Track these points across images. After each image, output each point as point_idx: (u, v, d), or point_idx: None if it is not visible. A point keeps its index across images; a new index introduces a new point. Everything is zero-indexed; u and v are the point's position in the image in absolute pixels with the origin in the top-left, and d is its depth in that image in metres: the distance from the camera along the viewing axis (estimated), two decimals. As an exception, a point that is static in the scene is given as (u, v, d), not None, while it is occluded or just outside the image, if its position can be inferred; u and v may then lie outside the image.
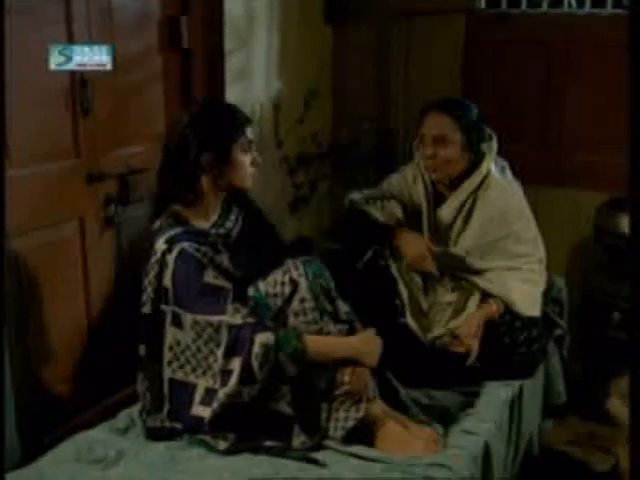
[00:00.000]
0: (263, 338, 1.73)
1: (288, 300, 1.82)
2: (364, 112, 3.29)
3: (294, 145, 3.14)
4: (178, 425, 1.83)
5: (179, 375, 1.83)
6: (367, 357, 1.83)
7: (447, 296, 2.27)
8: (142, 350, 1.89)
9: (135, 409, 1.93)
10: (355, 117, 3.32)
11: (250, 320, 1.76)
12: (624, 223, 2.65)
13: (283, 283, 1.83)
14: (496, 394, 2.05)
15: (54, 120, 2.23)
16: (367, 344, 1.84)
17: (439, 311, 2.28)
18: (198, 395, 1.80)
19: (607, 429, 2.68)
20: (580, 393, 2.61)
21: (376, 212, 2.35)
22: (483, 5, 3.10)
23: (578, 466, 2.47)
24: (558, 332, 2.32)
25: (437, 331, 2.24)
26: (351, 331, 1.87)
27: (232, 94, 2.76)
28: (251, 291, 1.84)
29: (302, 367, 1.76)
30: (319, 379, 1.80)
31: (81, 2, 2.23)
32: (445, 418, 1.94)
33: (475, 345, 2.06)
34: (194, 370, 1.81)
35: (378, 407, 1.84)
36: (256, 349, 1.72)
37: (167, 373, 1.85)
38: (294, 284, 1.82)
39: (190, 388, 1.81)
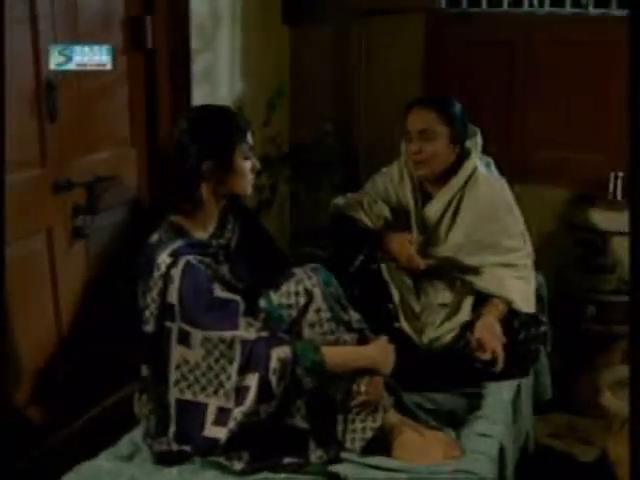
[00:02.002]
0: (280, 352, 1.66)
1: (303, 311, 1.77)
2: (324, 113, 3.25)
3: (257, 148, 3.06)
4: (187, 447, 1.73)
5: (188, 395, 1.74)
6: (383, 366, 1.79)
7: (439, 298, 2.26)
8: (145, 371, 1.79)
9: (136, 433, 1.83)
10: (314, 118, 3.27)
11: (264, 334, 1.69)
12: (596, 217, 2.72)
13: (297, 293, 1.77)
14: (499, 394, 2.05)
15: (19, 127, 2.09)
16: (382, 353, 1.80)
17: (431, 313, 2.26)
18: (210, 415, 1.71)
19: (585, 421, 2.74)
20: (556, 386, 2.64)
21: (363, 216, 2.31)
22: (443, 4, 3.11)
23: (564, 458, 2.51)
24: (543, 329, 2.34)
25: (432, 333, 2.23)
26: (362, 339, 1.83)
27: (198, 96, 2.68)
28: (262, 303, 1.77)
29: (320, 380, 1.70)
30: (335, 391, 1.75)
31: (45, 1, 2.11)
32: (454, 422, 1.93)
33: (499, 349, 2.05)
34: (204, 389, 1.72)
35: (393, 416, 1.81)
36: (273, 364, 1.65)
37: (174, 394, 1.75)
38: (309, 294, 1.76)
39: (201, 408, 1.72)
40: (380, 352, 1.80)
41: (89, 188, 2.34)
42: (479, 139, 2.29)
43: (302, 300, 1.77)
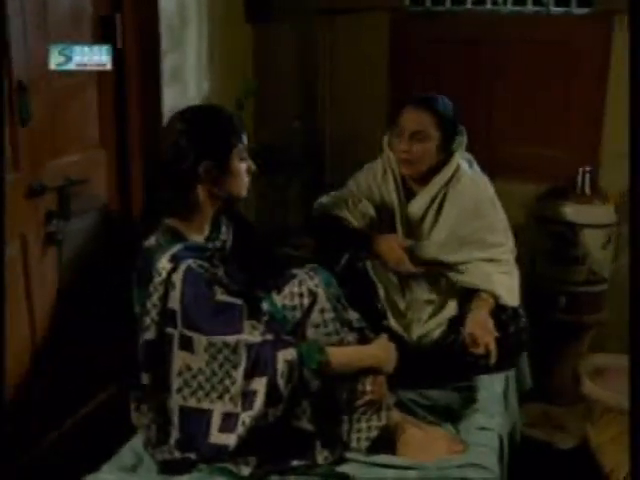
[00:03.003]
0: (286, 354, 1.65)
1: (307, 312, 1.75)
2: (289, 112, 3.23)
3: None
4: (192, 455, 1.70)
5: (191, 402, 1.70)
6: (386, 364, 1.80)
7: (425, 295, 2.27)
8: (145, 379, 1.73)
9: (135, 442, 1.78)
10: (280, 117, 3.25)
11: (269, 337, 1.67)
12: (566, 211, 2.80)
13: (301, 294, 1.75)
14: (492, 387, 2.09)
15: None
16: (385, 351, 1.81)
17: (417, 310, 2.28)
18: (215, 422, 1.67)
19: (559, 409, 2.82)
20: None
21: (348, 215, 2.30)
22: (407, 2, 3.13)
23: (543, 447, 2.57)
24: (524, 320, 2.37)
25: (419, 330, 2.25)
26: (362, 339, 1.83)
27: (168, 97, 2.62)
28: (265, 305, 1.75)
29: (325, 381, 1.69)
30: (340, 391, 1.74)
31: (16, 1, 2.03)
32: (450, 417, 1.95)
33: (492, 344, 2.06)
34: (208, 395, 1.68)
35: (395, 414, 1.82)
36: (280, 367, 1.63)
37: (177, 401, 1.71)
38: (313, 295, 1.75)
39: (205, 415, 1.68)
40: (383, 351, 1.81)
41: (61, 192, 2.28)
42: (464, 138, 2.29)
43: (306, 301, 1.76)
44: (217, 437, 1.67)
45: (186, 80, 2.78)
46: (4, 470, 1.96)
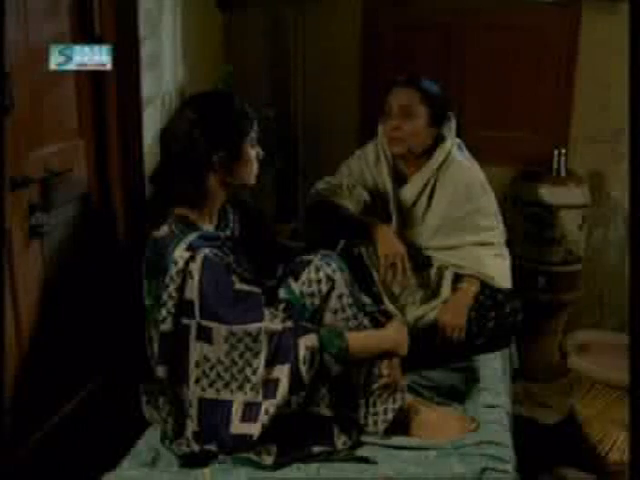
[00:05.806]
0: (307, 341, 1.64)
1: (325, 298, 1.75)
2: (261, 99, 3.20)
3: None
4: (212, 446, 1.68)
5: (210, 394, 1.68)
6: (401, 347, 1.81)
7: (418, 278, 2.30)
8: (161, 372, 1.70)
9: (150, 436, 1.75)
10: (251, 105, 3.21)
11: (289, 324, 1.67)
12: (543, 193, 2.87)
13: (319, 281, 1.75)
14: (492, 366, 2.12)
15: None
16: (400, 334, 1.82)
17: (410, 293, 2.30)
18: (236, 412, 1.66)
19: (538, 385, 2.90)
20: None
21: (346, 202, 2.29)
22: (379, -12, 3.15)
23: (527, 423, 2.64)
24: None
25: (415, 312, 2.27)
26: (375, 322, 1.83)
27: (147, 85, 2.57)
28: (282, 293, 1.74)
29: (344, 366, 1.70)
30: (357, 375, 1.75)
31: (-6, -15, 1.96)
32: (456, 396, 1.98)
33: (459, 331, 2.17)
34: (227, 385, 1.67)
35: (408, 396, 1.84)
36: (302, 353, 1.63)
37: (195, 393, 1.68)
38: (331, 281, 1.75)
39: (225, 406, 1.67)
40: (398, 334, 1.82)
41: (44, 184, 2.21)
42: (453, 124, 2.32)
43: (324, 287, 1.75)
44: (239, 427, 1.65)
45: (162, 67, 2.72)
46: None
